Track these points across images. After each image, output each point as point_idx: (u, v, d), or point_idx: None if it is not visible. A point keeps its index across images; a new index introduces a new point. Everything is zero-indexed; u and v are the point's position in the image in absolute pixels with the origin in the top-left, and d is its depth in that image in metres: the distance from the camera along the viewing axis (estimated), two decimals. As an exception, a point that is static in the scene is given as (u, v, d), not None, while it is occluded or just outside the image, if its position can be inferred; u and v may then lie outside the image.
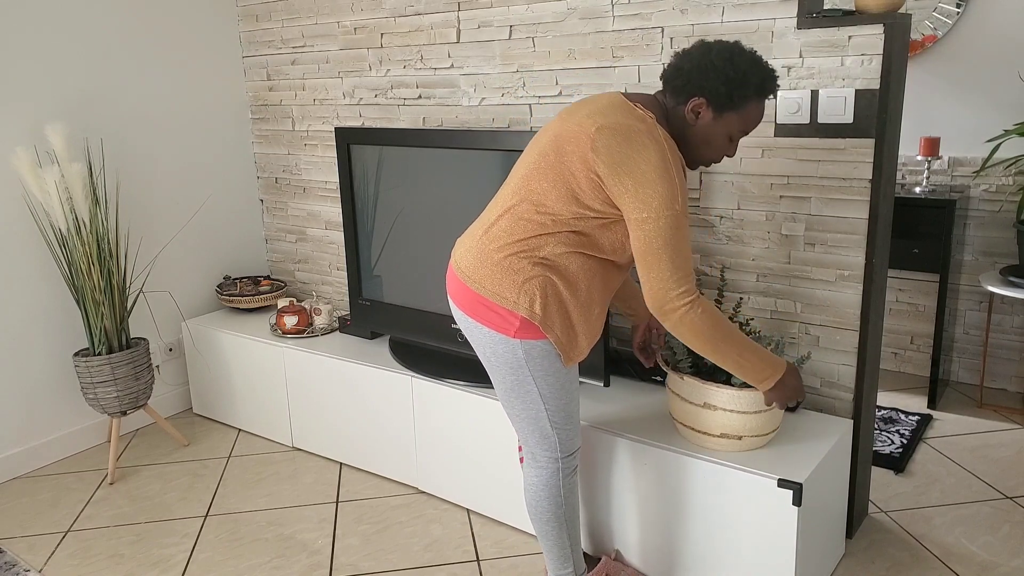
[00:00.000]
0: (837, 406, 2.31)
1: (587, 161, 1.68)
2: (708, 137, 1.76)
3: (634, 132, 1.66)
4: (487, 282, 1.76)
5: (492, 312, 1.77)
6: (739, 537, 2.02)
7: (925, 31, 3.26)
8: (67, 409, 3.11)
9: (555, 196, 1.72)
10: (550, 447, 1.88)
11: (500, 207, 1.80)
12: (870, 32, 2.05)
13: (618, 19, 2.45)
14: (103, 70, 3.06)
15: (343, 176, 2.85)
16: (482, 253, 1.79)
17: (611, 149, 1.66)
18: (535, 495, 1.92)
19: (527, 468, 1.94)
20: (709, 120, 1.74)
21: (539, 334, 1.76)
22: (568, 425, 1.88)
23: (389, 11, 2.95)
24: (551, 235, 1.74)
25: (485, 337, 1.80)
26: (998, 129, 3.20)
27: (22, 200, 2.89)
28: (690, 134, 1.77)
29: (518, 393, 1.83)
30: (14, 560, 2.44)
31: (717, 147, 1.78)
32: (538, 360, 1.78)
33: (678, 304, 1.68)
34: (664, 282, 1.67)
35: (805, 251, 2.27)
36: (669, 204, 1.64)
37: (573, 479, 1.94)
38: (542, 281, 1.74)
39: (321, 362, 2.88)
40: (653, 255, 1.67)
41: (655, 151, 1.65)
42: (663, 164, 1.64)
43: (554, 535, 1.95)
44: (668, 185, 1.64)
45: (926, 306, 3.46)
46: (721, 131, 1.75)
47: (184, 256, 3.41)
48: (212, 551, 2.47)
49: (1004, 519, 2.45)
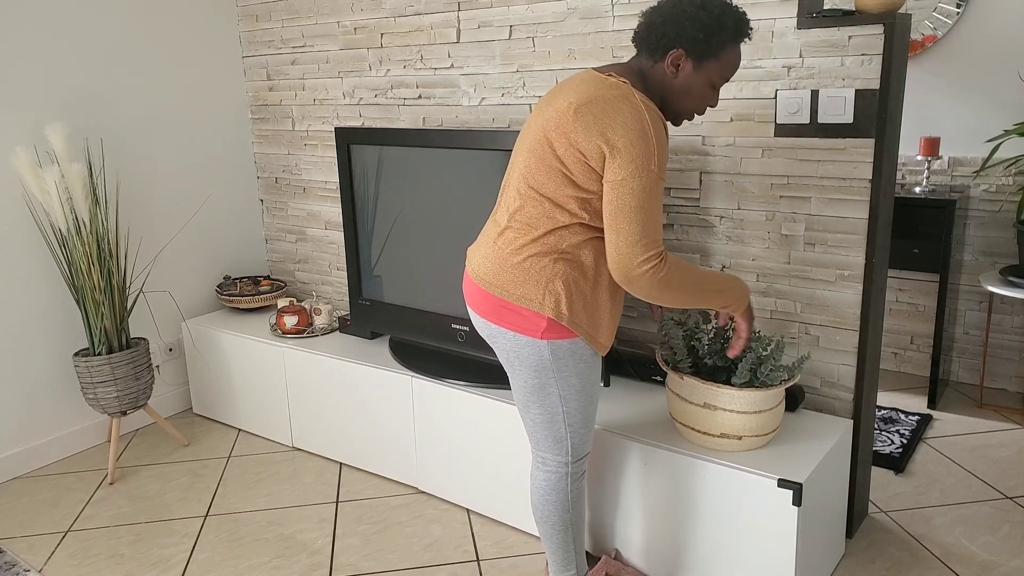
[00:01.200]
0: (837, 406, 2.31)
1: (571, 142, 1.67)
2: (690, 88, 1.74)
3: (608, 100, 1.66)
4: (510, 286, 1.76)
5: (518, 315, 1.76)
6: (739, 537, 2.02)
7: (925, 31, 3.26)
8: (67, 409, 3.11)
9: (553, 187, 1.72)
10: (562, 451, 1.88)
11: (507, 210, 1.80)
12: (870, 32, 2.05)
13: (618, 19, 2.44)
14: (103, 70, 3.06)
15: (343, 176, 2.85)
16: (499, 258, 1.78)
17: (588, 123, 1.65)
18: (542, 498, 1.92)
19: (535, 470, 1.94)
20: (690, 71, 1.72)
21: (566, 333, 1.75)
22: (583, 428, 1.88)
23: (389, 11, 2.95)
24: (563, 228, 1.73)
25: (510, 342, 1.80)
26: (998, 129, 3.20)
27: (22, 200, 2.89)
28: (672, 88, 1.74)
29: (539, 396, 1.82)
30: (14, 560, 2.44)
31: (700, 97, 1.76)
32: (564, 360, 1.78)
33: (645, 269, 1.65)
34: (632, 247, 1.65)
35: (805, 251, 2.27)
36: (644, 165, 1.62)
37: (581, 484, 1.94)
38: (565, 278, 1.73)
39: (321, 362, 2.88)
40: (624, 218, 1.64)
41: (631, 114, 1.64)
42: (639, 126, 1.63)
43: (559, 538, 1.94)
44: (644, 147, 1.62)
45: (926, 306, 3.47)
46: (703, 80, 1.73)
47: (184, 256, 3.41)
48: (212, 551, 2.47)
49: (1004, 519, 2.45)
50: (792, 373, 2.05)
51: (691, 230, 2.45)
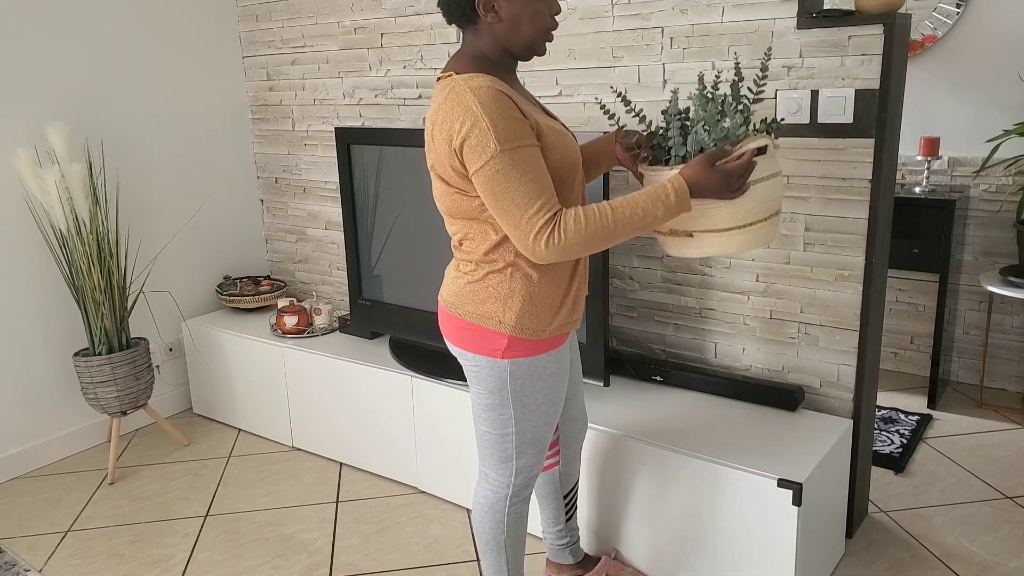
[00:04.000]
0: (837, 406, 2.31)
1: (439, 160, 1.62)
2: (518, 16, 1.61)
3: (441, 105, 1.59)
4: (469, 306, 1.71)
5: (478, 336, 1.71)
6: (739, 537, 2.02)
7: (925, 31, 3.26)
8: (67, 409, 3.11)
9: (453, 204, 1.67)
10: (506, 471, 1.82)
11: (451, 238, 1.77)
12: (870, 32, 2.05)
13: (618, 19, 2.45)
14: (103, 70, 3.06)
15: (343, 176, 2.85)
16: (456, 281, 1.75)
17: (438, 136, 1.59)
18: (479, 514, 1.88)
19: (478, 485, 1.89)
20: (505, 5, 1.60)
21: (528, 350, 1.71)
22: (532, 450, 1.81)
23: (389, 11, 2.95)
24: (502, 241, 1.66)
25: (471, 363, 1.76)
26: (998, 129, 3.20)
27: (22, 200, 2.89)
28: (503, 33, 1.63)
29: (493, 415, 1.77)
30: (14, 560, 2.44)
31: (536, 23, 1.63)
32: (523, 380, 1.72)
33: (542, 243, 1.54)
34: (519, 228, 1.55)
35: (805, 251, 2.27)
36: (484, 148, 1.52)
37: (522, 508, 1.88)
38: (523, 290, 1.68)
39: (321, 362, 2.88)
40: (496, 204, 1.55)
41: (457, 105, 1.55)
42: (464, 114, 1.54)
43: (491, 557, 1.90)
44: (477, 132, 1.53)
45: (926, 306, 3.47)
46: (525, 8, 1.61)
47: (184, 256, 3.41)
48: (212, 551, 2.47)
49: (1004, 519, 2.45)
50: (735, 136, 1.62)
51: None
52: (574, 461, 2.11)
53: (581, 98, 2.58)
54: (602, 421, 2.25)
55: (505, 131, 1.53)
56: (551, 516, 2.13)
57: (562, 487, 2.10)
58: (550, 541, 2.17)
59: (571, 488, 2.13)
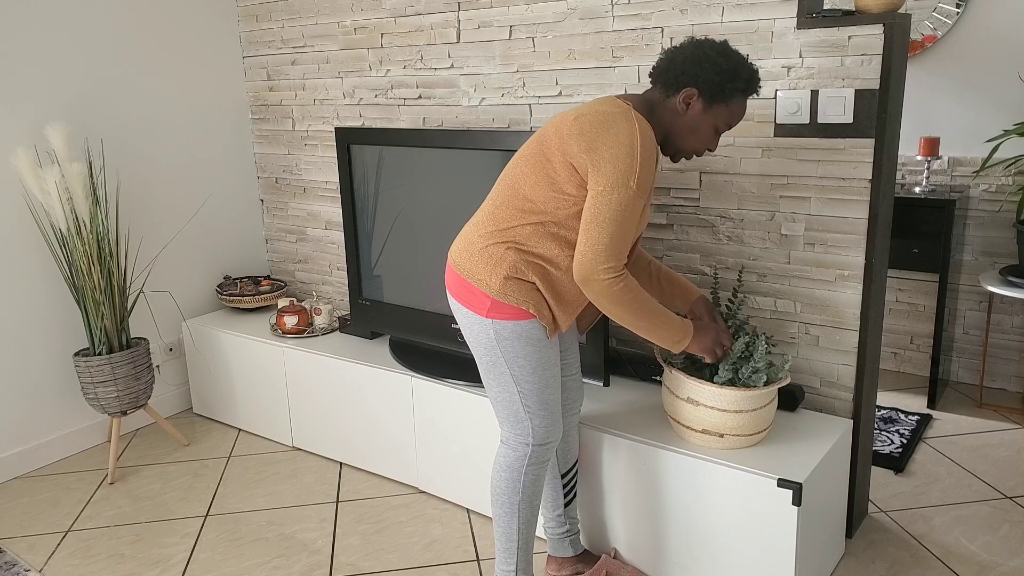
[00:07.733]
0: (837, 406, 2.31)
1: (563, 146, 1.77)
2: (696, 127, 1.83)
3: (607, 115, 1.75)
4: (467, 265, 1.86)
5: (469, 293, 1.86)
6: (739, 537, 2.02)
7: (925, 31, 3.26)
8: (67, 409, 3.11)
9: (532, 182, 1.81)
10: (523, 431, 1.92)
11: (488, 201, 1.91)
12: (870, 32, 2.05)
13: (618, 19, 2.45)
14: (103, 70, 3.06)
15: (343, 176, 2.85)
16: (468, 241, 1.89)
17: (584, 131, 1.75)
18: (497, 474, 1.96)
19: (498, 450, 1.98)
20: (699, 111, 1.81)
21: (509, 314, 1.82)
22: (543, 412, 1.91)
23: (389, 11, 2.95)
24: (530, 225, 1.82)
25: (464, 318, 1.89)
26: (998, 129, 3.20)
27: (22, 200, 2.89)
28: (678, 124, 1.84)
29: (494, 374, 1.90)
30: (14, 560, 2.44)
31: (703, 138, 1.85)
32: (508, 341, 1.84)
33: (603, 277, 1.73)
34: (597, 254, 1.72)
35: (805, 251, 2.27)
36: (624, 181, 1.70)
37: (539, 470, 1.95)
38: (514, 263, 1.81)
39: (321, 362, 2.88)
40: (596, 225, 1.72)
41: (625, 130, 1.72)
42: (629, 143, 1.71)
43: (504, 522, 1.97)
44: (628, 163, 1.70)
45: (926, 306, 3.47)
46: (708, 122, 1.82)
47: (184, 256, 3.41)
48: (212, 551, 2.47)
49: (1004, 519, 2.45)
50: (776, 376, 2.05)
51: (691, 230, 2.45)
52: (571, 433, 2.16)
53: (581, 98, 2.58)
54: (602, 421, 2.25)
55: (642, 179, 1.72)
56: (550, 499, 2.17)
57: (559, 465, 2.14)
58: (550, 531, 2.19)
59: (569, 469, 2.16)
